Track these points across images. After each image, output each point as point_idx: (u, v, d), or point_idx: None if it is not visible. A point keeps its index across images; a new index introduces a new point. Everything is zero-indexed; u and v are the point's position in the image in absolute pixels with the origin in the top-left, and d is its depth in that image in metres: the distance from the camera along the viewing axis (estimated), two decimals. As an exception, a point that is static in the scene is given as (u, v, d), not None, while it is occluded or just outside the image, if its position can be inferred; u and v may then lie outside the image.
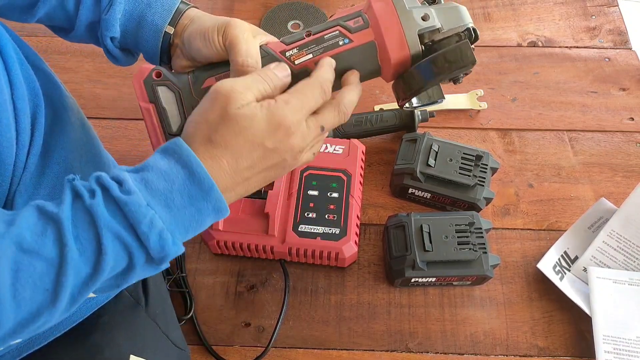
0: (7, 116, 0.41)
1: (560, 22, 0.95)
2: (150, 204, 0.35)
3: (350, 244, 0.64)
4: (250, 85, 0.40)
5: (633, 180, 0.76)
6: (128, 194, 0.34)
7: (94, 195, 0.34)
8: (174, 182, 0.36)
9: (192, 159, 0.36)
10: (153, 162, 0.37)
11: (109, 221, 0.34)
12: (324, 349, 0.63)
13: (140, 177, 0.36)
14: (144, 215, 0.34)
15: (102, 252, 0.34)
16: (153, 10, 0.48)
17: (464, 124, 0.82)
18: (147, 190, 0.35)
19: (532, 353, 0.63)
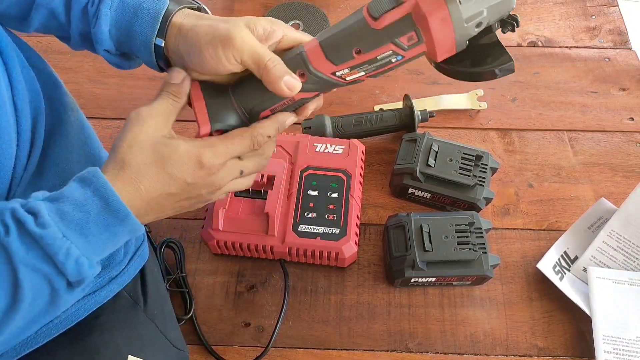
0: (7, 118, 0.41)
1: (560, 22, 0.95)
2: (66, 234, 0.35)
3: (350, 244, 0.64)
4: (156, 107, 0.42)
5: (633, 180, 0.76)
6: (43, 227, 0.35)
7: (7, 231, 0.34)
8: (89, 212, 0.36)
9: (108, 190, 0.37)
10: (69, 192, 0.37)
11: (24, 256, 0.34)
12: (324, 349, 0.63)
13: (55, 208, 0.36)
14: (60, 247, 0.35)
15: (18, 285, 0.34)
16: (139, 21, 0.44)
17: (464, 124, 0.82)
18: (63, 221, 0.36)
19: (532, 353, 0.63)
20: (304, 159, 0.69)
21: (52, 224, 0.35)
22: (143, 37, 0.45)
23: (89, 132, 0.54)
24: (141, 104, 0.44)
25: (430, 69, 0.47)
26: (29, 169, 0.44)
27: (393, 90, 0.86)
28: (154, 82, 0.86)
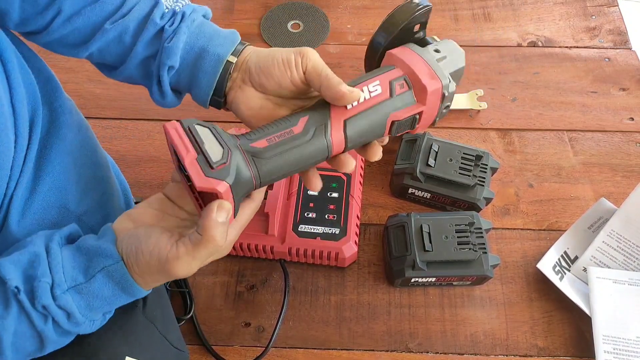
0: (5, 120, 0.41)
1: (560, 22, 0.95)
2: (93, 319, 0.42)
3: (350, 244, 0.64)
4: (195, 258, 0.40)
5: (633, 180, 0.76)
6: (76, 325, 0.41)
7: (45, 320, 0.40)
8: (114, 303, 0.42)
9: (136, 289, 0.42)
10: (99, 290, 0.41)
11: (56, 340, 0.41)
12: (324, 349, 0.63)
13: (85, 304, 0.40)
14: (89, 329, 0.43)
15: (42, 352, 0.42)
16: (215, 43, 0.47)
17: (464, 124, 0.82)
18: (91, 312, 0.41)
19: (532, 353, 0.63)
20: (304, 159, 0.69)
21: (84, 321, 0.41)
22: (218, 53, 0.47)
23: (87, 134, 0.54)
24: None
25: None
26: (26, 170, 0.44)
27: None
28: (154, 82, 0.86)
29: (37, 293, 0.38)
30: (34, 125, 0.45)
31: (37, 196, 0.45)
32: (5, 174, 0.42)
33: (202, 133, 0.40)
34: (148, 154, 0.79)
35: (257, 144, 0.42)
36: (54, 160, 0.46)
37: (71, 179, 0.48)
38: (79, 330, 0.42)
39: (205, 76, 0.48)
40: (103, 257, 0.40)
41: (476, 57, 0.90)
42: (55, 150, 0.46)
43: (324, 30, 0.94)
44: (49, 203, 0.46)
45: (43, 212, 0.46)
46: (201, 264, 0.41)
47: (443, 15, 0.96)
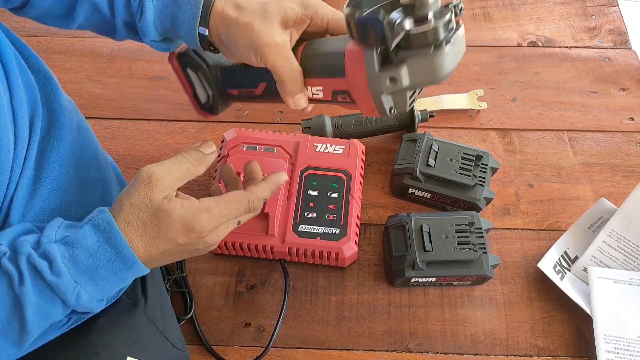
0: (5, 122, 0.41)
1: (560, 22, 0.95)
2: (77, 280, 0.38)
3: (350, 244, 0.64)
4: (172, 168, 0.43)
5: (633, 180, 0.76)
6: (58, 275, 0.37)
7: (22, 280, 0.37)
8: (100, 259, 0.39)
9: (121, 241, 0.40)
10: (83, 238, 0.39)
11: (37, 306, 0.37)
12: (324, 349, 0.63)
13: (69, 255, 0.38)
14: (72, 292, 0.38)
15: (26, 332, 0.38)
16: (181, 9, 0.47)
17: (464, 124, 0.82)
18: (75, 267, 0.38)
19: (532, 353, 0.62)
20: (304, 159, 0.69)
21: (66, 272, 0.38)
22: (187, 26, 0.47)
23: (87, 134, 0.54)
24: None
25: None
26: (26, 172, 0.44)
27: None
28: (154, 82, 0.86)
29: (20, 247, 0.38)
30: (34, 127, 0.45)
31: (38, 198, 0.45)
32: (5, 176, 0.42)
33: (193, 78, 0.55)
34: (148, 154, 0.79)
35: (231, 91, 0.55)
36: (54, 162, 0.46)
37: (72, 180, 0.48)
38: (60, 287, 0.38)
39: (189, 42, 0.50)
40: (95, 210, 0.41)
41: (476, 57, 0.90)
42: (55, 151, 0.46)
43: (324, 30, 0.94)
44: (50, 204, 0.46)
45: (44, 213, 0.45)
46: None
47: (443, 15, 0.96)
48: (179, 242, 0.42)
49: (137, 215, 0.41)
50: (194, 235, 0.42)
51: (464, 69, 0.88)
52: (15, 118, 0.42)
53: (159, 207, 0.41)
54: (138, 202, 0.41)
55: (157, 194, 0.41)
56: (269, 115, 0.83)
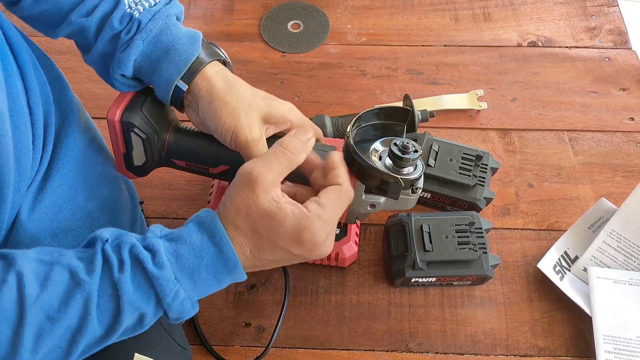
0: (25, 122, 0.41)
1: (560, 22, 0.95)
2: (178, 277, 0.38)
3: (350, 244, 0.64)
4: (271, 164, 0.41)
5: (633, 180, 0.76)
6: (160, 268, 0.37)
7: (122, 268, 0.36)
8: (203, 258, 0.38)
9: (225, 240, 0.39)
10: (187, 235, 0.39)
11: (132, 297, 0.37)
12: (324, 349, 0.63)
13: (173, 250, 0.38)
14: (171, 289, 0.38)
15: (119, 322, 0.37)
16: (169, 60, 0.47)
17: (464, 124, 0.82)
18: (178, 264, 0.38)
19: (532, 353, 0.63)
20: (304, 159, 0.69)
21: (168, 266, 0.37)
22: (167, 76, 0.47)
23: (94, 132, 0.55)
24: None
25: (430, 69, 0.49)
26: (40, 169, 0.44)
27: (393, 90, 0.86)
28: (154, 82, 0.86)
29: (124, 239, 0.38)
30: (48, 126, 0.45)
31: (47, 192, 0.45)
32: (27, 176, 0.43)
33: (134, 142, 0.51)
34: (148, 154, 0.79)
35: (177, 162, 0.53)
36: (63, 158, 0.47)
37: (80, 176, 0.49)
38: (160, 281, 0.37)
39: (159, 90, 0.49)
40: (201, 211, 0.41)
41: (476, 57, 0.90)
42: (65, 148, 0.47)
43: (324, 30, 0.94)
44: (60, 198, 0.46)
45: (54, 207, 0.46)
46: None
47: (443, 15, 0.96)
48: (293, 252, 0.41)
49: (244, 219, 0.39)
50: (309, 246, 0.41)
51: (464, 69, 0.88)
52: (32, 118, 0.43)
53: (267, 212, 0.39)
54: (243, 205, 0.39)
55: (262, 195, 0.39)
56: (269, 115, 0.83)
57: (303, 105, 0.83)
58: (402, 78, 0.87)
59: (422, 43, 0.92)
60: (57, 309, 0.35)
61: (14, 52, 0.42)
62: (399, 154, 0.45)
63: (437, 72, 0.88)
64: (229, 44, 0.92)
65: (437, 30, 0.94)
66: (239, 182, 0.40)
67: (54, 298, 0.35)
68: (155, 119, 0.51)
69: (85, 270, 0.36)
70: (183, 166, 0.53)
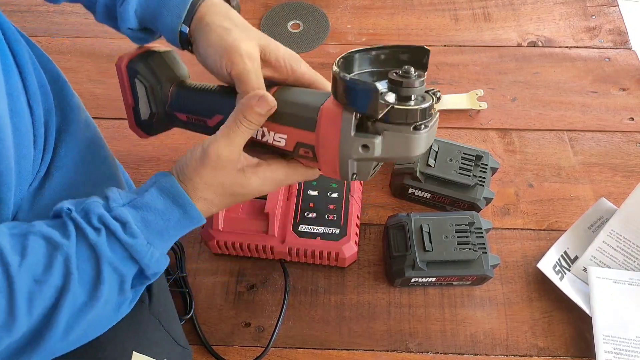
0: (26, 123, 0.41)
1: (560, 22, 0.95)
2: (150, 241, 0.40)
3: (350, 244, 0.64)
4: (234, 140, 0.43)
5: (633, 180, 0.76)
6: (132, 236, 0.39)
7: (98, 233, 0.38)
8: (169, 220, 0.41)
9: (187, 202, 0.42)
10: (151, 201, 0.41)
11: (111, 257, 0.39)
12: (324, 349, 0.63)
13: (140, 217, 0.40)
14: (146, 252, 0.40)
15: (100, 281, 0.38)
16: (166, 5, 0.47)
17: (464, 124, 0.82)
18: (148, 230, 0.40)
19: (532, 353, 0.63)
20: (304, 159, 0.69)
21: (140, 234, 0.40)
22: (169, 22, 0.47)
23: (94, 131, 0.55)
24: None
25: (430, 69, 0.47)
26: (41, 169, 0.44)
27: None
28: (154, 82, 0.86)
29: (90, 208, 0.39)
30: (49, 126, 0.45)
31: (47, 192, 0.45)
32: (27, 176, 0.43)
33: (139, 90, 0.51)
34: (148, 154, 0.79)
35: (179, 115, 0.52)
36: (63, 158, 0.47)
37: (80, 175, 0.49)
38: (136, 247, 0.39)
39: (168, 37, 0.49)
40: (156, 176, 0.43)
41: (476, 57, 0.90)
42: (65, 147, 0.47)
43: (324, 30, 0.94)
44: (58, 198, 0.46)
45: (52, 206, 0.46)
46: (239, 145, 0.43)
47: (443, 15, 0.96)
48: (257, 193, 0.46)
49: (214, 192, 0.43)
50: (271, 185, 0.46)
51: (464, 69, 0.88)
52: (33, 119, 0.43)
53: (236, 182, 0.44)
54: (215, 182, 0.43)
55: (232, 171, 0.43)
56: (269, 115, 0.83)
57: (303, 105, 0.83)
58: (402, 78, 0.87)
59: (422, 43, 0.92)
60: (41, 272, 0.37)
61: (14, 53, 0.42)
62: (398, 79, 0.38)
63: (437, 72, 0.88)
64: (229, 44, 0.92)
65: (437, 30, 0.94)
66: (208, 163, 0.42)
67: (36, 263, 0.37)
68: (161, 70, 0.52)
69: (60, 235, 0.38)
70: (184, 121, 0.53)
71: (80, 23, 0.95)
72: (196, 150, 0.43)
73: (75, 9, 0.97)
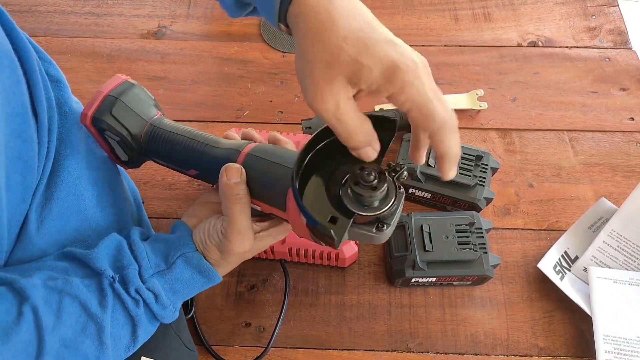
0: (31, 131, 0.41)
1: (561, 22, 0.95)
2: (175, 304, 0.46)
3: (350, 244, 0.64)
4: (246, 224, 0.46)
5: (633, 180, 0.76)
6: (163, 307, 0.45)
7: (137, 304, 0.43)
8: (194, 286, 0.47)
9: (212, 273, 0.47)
10: (179, 274, 0.46)
11: (145, 327, 0.45)
12: (325, 349, 0.63)
13: (169, 287, 0.45)
14: (171, 317, 0.47)
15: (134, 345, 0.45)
16: None
17: (464, 124, 0.82)
18: (175, 296, 0.46)
19: (532, 353, 0.63)
20: (304, 159, 0.69)
21: (170, 305, 0.45)
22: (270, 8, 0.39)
23: None
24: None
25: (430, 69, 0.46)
26: (43, 176, 0.44)
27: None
28: (154, 82, 0.86)
29: (129, 278, 0.43)
30: (51, 132, 0.44)
31: (55, 202, 0.45)
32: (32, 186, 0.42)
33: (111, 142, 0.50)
34: (148, 154, 0.79)
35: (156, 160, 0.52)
36: (68, 166, 0.46)
37: (86, 183, 0.48)
38: (163, 315, 0.45)
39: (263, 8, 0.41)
40: (181, 245, 0.46)
41: (476, 57, 0.90)
42: (69, 155, 0.46)
43: (324, 30, 0.94)
44: (67, 209, 0.46)
45: (61, 218, 0.45)
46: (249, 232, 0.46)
47: (443, 15, 0.96)
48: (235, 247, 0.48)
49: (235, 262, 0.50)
50: None
51: (464, 69, 0.88)
52: (38, 126, 0.42)
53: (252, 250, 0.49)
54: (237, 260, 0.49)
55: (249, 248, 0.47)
56: (269, 116, 0.83)
57: (303, 106, 0.83)
58: (402, 78, 0.87)
59: (422, 43, 0.92)
60: (72, 339, 0.39)
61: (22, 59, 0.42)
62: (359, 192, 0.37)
63: (437, 72, 0.88)
64: (229, 44, 0.92)
65: (437, 30, 0.94)
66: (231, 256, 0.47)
67: (68, 329, 0.39)
68: (128, 120, 0.49)
69: (98, 303, 0.41)
70: (163, 164, 0.52)
71: (80, 23, 0.95)
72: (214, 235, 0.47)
73: (75, 9, 0.97)
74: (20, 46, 0.41)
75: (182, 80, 0.87)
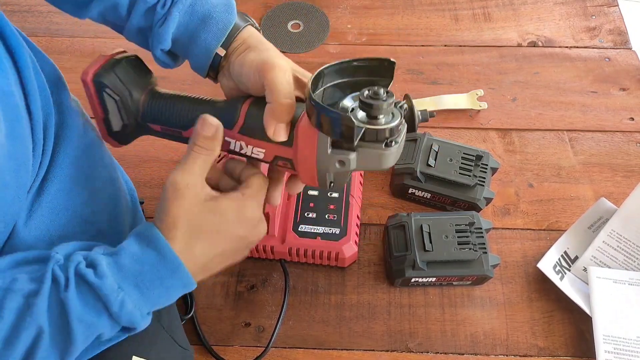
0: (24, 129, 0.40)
1: (561, 22, 0.95)
2: (122, 286, 0.38)
3: (350, 244, 0.64)
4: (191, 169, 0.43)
5: (633, 180, 0.76)
6: (101, 277, 0.37)
7: (67, 286, 0.37)
8: (144, 263, 0.39)
9: (162, 242, 0.40)
10: (127, 246, 0.40)
11: (81, 313, 0.37)
12: (324, 349, 0.63)
13: (113, 261, 0.39)
14: (116, 297, 0.38)
15: (71, 341, 0.37)
16: (207, 29, 0.46)
17: (464, 124, 0.82)
18: (120, 273, 0.38)
19: (532, 353, 0.63)
20: (304, 159, 0.69)
21: (110, 275, 0.38)
22: (207, 45, 0.46)
23: (93, 134, 0.54)
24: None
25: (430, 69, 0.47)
26: (39, 174, 0.43)
27: (393, 90, 0.85)
28: (154, 82, 0.86)
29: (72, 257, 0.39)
30: (47, 130, 0.44)
31: (44, 199, 0.44)
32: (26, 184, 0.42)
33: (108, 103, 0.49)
34: (148, 154, 0.79)
35: (153, 126, 0.50)
36: (61, 164, 0.46)
37: (79, 181, 0.47)
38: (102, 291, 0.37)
39: (197, 60, 0.48)
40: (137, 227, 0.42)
41: (476, 57, 0.90)
42: (63, 152, 0.46)
43: (324, 30, 0.94)
44: (57, 205, 0.45)
45: (50, 214, 0.45)
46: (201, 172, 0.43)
47: (443, 15, 0.96)
48: (239, 234, 0.43)
49: (185, 225, 0.41)
50: (252, 223, 0.44)
51: (464, 69, 0.88)
52: (32, 124, 0.42)
53: (207, 210, 0.42)
54: (181, 214, 0.41)
55: (195, 199, 0.42)
56: (269, 115, 0.83)
57: (303, 105, 0.83)
58: (402, 78, 0.87)
59: (422, 43, 0.92)
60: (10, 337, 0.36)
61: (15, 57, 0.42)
62: (368, 101, 0.40)
63: (437, 72, 0.88)
64: (229, 44, 0.92)
65: (437, 30, 0.94)
66: (169, 195, 0.41)
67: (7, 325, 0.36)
68: (130, 80, 0.50)
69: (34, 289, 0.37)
70: (159, 131, 0.51)
71: (80, 23, 0.95)
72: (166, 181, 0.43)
73: (75, 9, 0.97)
74: (13, 45, 0.41)
75: (182, 80, 0.87)
